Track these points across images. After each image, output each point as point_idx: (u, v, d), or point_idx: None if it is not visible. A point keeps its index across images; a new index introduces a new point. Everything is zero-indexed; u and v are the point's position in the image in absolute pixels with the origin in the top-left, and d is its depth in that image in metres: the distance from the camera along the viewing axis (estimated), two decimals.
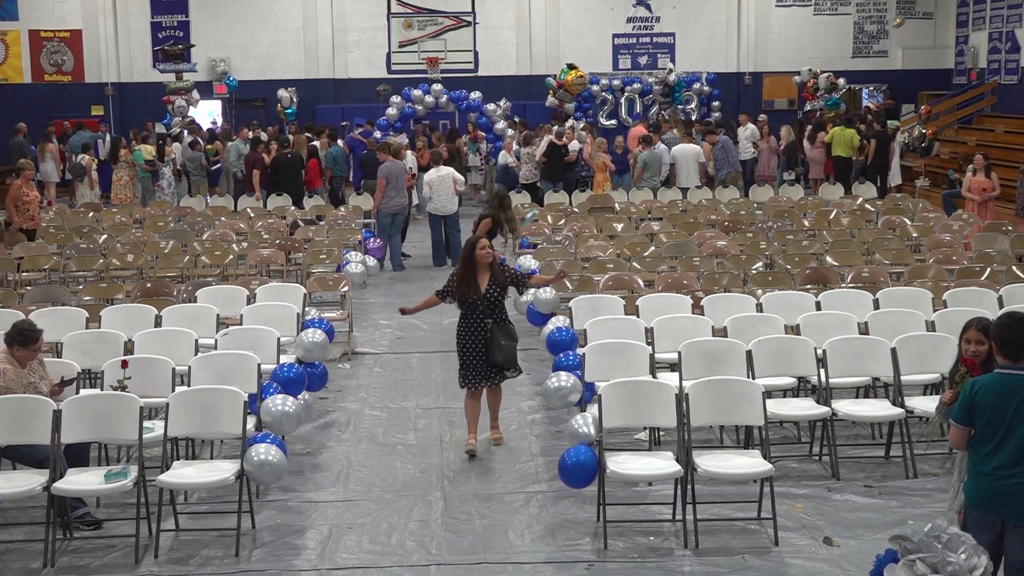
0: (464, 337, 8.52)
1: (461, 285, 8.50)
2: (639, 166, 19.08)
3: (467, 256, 8.60)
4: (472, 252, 8.56)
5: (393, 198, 16.14)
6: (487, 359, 8.42)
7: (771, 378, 8.14)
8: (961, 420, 5.27)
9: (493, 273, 8.54)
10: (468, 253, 8.60)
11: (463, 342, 8.52)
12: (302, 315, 10.09)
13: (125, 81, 27.67)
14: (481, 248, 8.56)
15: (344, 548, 6.90)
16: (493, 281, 8.53)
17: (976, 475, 5.26)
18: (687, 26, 28.21)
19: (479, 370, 8.49)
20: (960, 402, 5.29)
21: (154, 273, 12.98)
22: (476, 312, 8.44)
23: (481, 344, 8.43)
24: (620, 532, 7.00)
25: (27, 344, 7.33)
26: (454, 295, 8.57)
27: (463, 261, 8.62)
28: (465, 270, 8.54)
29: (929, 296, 9.92)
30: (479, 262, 8.53)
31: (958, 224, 14.56)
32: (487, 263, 8.55)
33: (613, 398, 7.03)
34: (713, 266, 11.99)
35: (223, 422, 7.16)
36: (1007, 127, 23.32)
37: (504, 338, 8.44)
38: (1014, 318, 5.29)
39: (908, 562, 5.00)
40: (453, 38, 28.10)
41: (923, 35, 28.38)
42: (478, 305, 8.43)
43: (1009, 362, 5.21)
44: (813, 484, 7.80)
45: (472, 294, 8.44)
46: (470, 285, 8.48)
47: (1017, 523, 5.12)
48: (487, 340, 8.40)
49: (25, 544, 6.94)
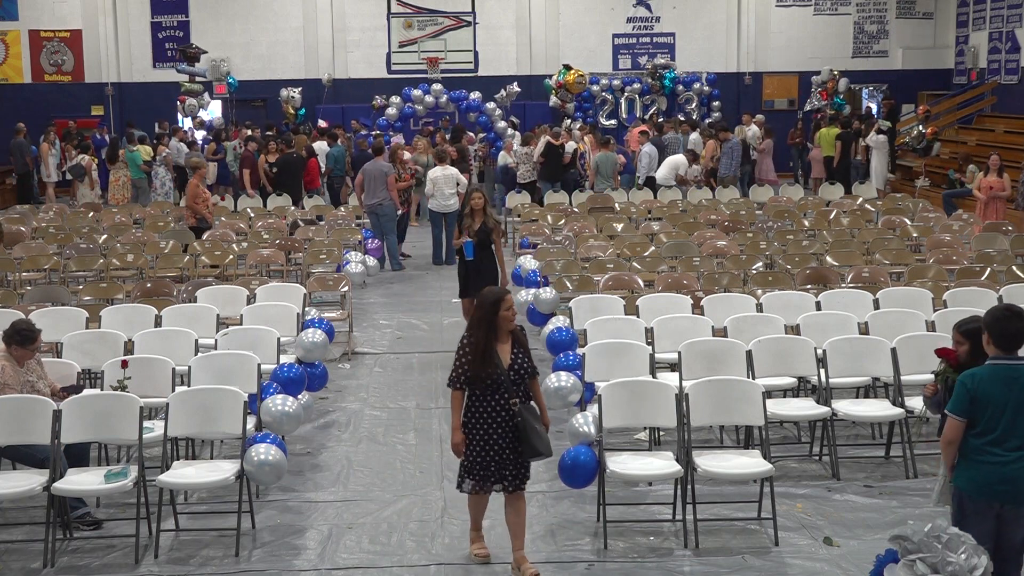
0: (481, 426, 6.41)
1: (478, 360, 6.37)
2: (591, 168, 19.19)
3: (486, 319, 6.44)
4: (494, 315, 6.43)
5: (370, 197, 16.16)
6: (516, 452, 6.44)
7: (771, 378, 8.14)
8: (961, 412, 5.34)
9: (515, 338, 6.56)
10: (488, 316, 6.43)
11: (479, 433, 6.41)
12: (302, 315, 10.09)
13: (125, 81, 27.65)
14: (507, 309, 6.46)
15: (344, 548, 6.90)
16: (517, 348, 6.53)
17: (978, 464, 5.34)
18: (687, 26, 28.19)
19: (499, 467, 6.45)
20: (959, 395, 5.35)
21: (154, 273, 12.98)
22: (498, 392, 6.39)
23: (507, 433, 6.41)
24: (620, 532, 7.00)
25: (25, 344, 7.33)
26: (469, 377, 6.41)
27: (479, 326, 6.44)
28: (485, 338, 6.41)
29: (929, 296, 9.93)
30: (501, 326, 6.46)
31: (958, 224, 14.57)
32: (509, 328, 6.52)
33: (613, 398, 7.03)
34: (713, 266, 11.99)
35: (223, 422, 7.16)
36: (1007, 127, 23.32)
37: (535, 420, 6.50)
38: (1011, 311, 5.42)
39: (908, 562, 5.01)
40: (453, 38, 28.09)
41: (923, 35, 28.37)
42: (501, 383, 6.39)
43: (1003, 353, 5.34)
44: (813, 484, 7.80)
45: (495, 371, 6.38)
46: (491, 359, 6.39)
47: (1018, 508, 5.28)
48: (517, 427, 6.40)
49: (25, 544, 6.94)
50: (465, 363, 6.40)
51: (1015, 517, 5.29)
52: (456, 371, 6.45)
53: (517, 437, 6.39)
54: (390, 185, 16.04)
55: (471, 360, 6.38)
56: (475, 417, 6.44)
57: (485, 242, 11.18)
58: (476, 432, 6.43)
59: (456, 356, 6.46)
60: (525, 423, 6.37)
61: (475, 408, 6.44)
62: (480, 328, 6.41)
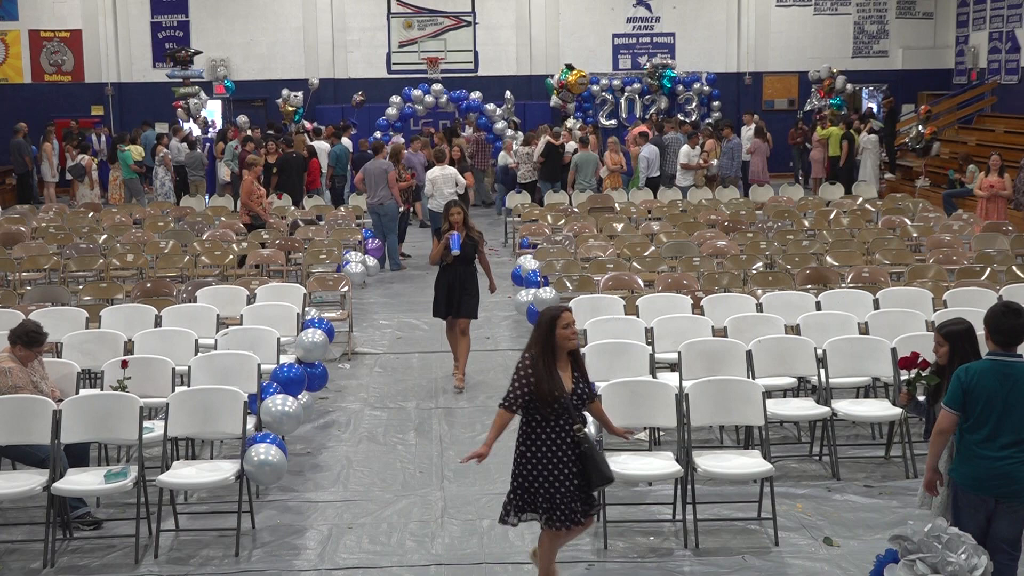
0: (545, 455, 5.90)
1: (544, 384, 5.86)
2: (571, 168, 19.23)
3: (543, 339, 5.94)
4: (550, 333, 5.95)
5: (371, 196, 16.24)
6: (581, 481, 5.97)
7: (771, 378, 8.14)
8: (954, 405, 5.43)
9: (574, 359, 6.10)
10: (545, 335, 5.95)
11: (543, 462, 5.90)
12: (302, 315, 10.09)
13: (125, 81, 27.65)
14: (565, 326, 5.95)
15: (344, 548, 6.91)
16: (576, 371, 6.07)
17: (971, 458, 5.42)
18: (687, 26, 28.19)
19: (566, 500, 5.92)
20: (953, 388, 5.44)
21: (154, 273, 12.97)
22: (562, 418, 5.91)
23: (571, 463, 5.92)
24: (620, 532, 7.00)
25: (32, 346, 7.36)
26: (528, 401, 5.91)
27: (539, 346, 5.94)
28: (545, 360, 5.91)
29: (929, 296, 9.93)
30: (560, 345, 5.98)
31: (958, 224, 14.57)
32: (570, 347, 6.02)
33: (613, 398, 7.03)
34: (713, 266, 11.99)
35: (223, 422, 7.16)
36: (1007, 127, 23.32)
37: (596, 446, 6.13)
38: (1008, 308, 5.52)
39: (908, 562, 5.02)
40: (453, 38, 28.09)
41: (923, 35, 28.38)
42: (565, 409, 5.92)
43: (1000, 349, 5.43)
44: (813, 484, 7.81)
45: (561, 395, 5.89)
46: (556, 382, 5.90)
47: (1010, 502, 5.36)
48: (583, 455, 5.93)
49: (25, 544, 6.94)
50: (526, 385, 5.87)
51: (1008, 511, 5.37)
52: (514, 392, 5.89)
53: (585, 465, 5.92)
54: (391, 182, 16.05)
55: (535, 383, 5.85)
56: (536, 445, 5.91)
57: (470, 256, 10.12)
58: (539, 462, 5.89)
59: (514, 376, 5.93)
60: (592, 449, 5.94)
61: (536, 435, 5.91)
62: (538, 348, 5.92)
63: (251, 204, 14.89)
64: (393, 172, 16.20)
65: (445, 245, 9.93)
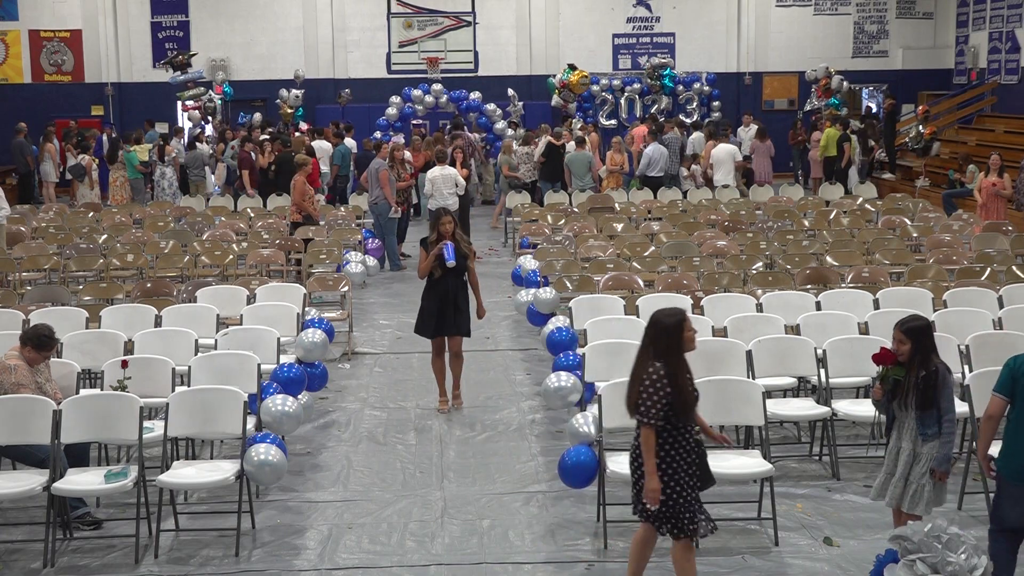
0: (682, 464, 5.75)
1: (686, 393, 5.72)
2: (565, 168, 19.24)
3: (674, 346, 5.75)
4: (679, 337, 5.77)
5: (370, 195, 16.34)
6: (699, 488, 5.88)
7: (771, 378, 8.15)
8: (1004, 391, 5.59)
9: None
10: (674, 340, 5.75)
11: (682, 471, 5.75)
12: (302, 315, 10.09)
13: (125, 81, 27.65)
14: (689, 330, 5.83)
15: (344, 548, 6.91)
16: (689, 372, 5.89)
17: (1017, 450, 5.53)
18: (687, 26, 28.19)
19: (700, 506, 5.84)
20: (1002, 375, 5.62)
21: (154, 273, 12.98)
22: (690, 423, 5.80)
23: (694, 470, 5.82)
24: (620, 532, 6.99)
25: (41, 349, 7.39)
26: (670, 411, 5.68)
27: (671, 355, 5.73)
28: (679, 367, 5.74)
29: (929, 296, 9.93)
30: (686, 349, 5.83)
31: (958, 224, 14.57)
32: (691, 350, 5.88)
33: (613, 398, 7.02)
34: (713, 266, 11.99)
35: (223, 422, 7.16)
36: (1007, 127, 23.32)
37: None
38: None
39: (908, 562, 5.02)
40: (453, 38, 28.09)
41: (923, 35, 28.38)
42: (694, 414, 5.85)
43: None
44: (813, 484, 7.81)
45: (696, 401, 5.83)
46: (693, 390, 5.81)
47: None
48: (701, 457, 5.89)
49: (25, 544, 6.94)
50: (664, 396, 5.62)
51: None
52: (655, 406, 5.61)
53: (702, 468, 5.85)
54: (382, 181, 15.98)
55: (674, 393, 5.63)
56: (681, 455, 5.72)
57: (463, 268, 9.39)
58: (679, 471, 5.71)
59: (644, 389, 5.65)
60: (705, 452, 5.88)
61: (672, 444, 5.70)
62: (671, 357, 5.70)
63: (304, 205, 15.08)
64: (385, 171, 16.15)
65: (437, 256, 9.28)
